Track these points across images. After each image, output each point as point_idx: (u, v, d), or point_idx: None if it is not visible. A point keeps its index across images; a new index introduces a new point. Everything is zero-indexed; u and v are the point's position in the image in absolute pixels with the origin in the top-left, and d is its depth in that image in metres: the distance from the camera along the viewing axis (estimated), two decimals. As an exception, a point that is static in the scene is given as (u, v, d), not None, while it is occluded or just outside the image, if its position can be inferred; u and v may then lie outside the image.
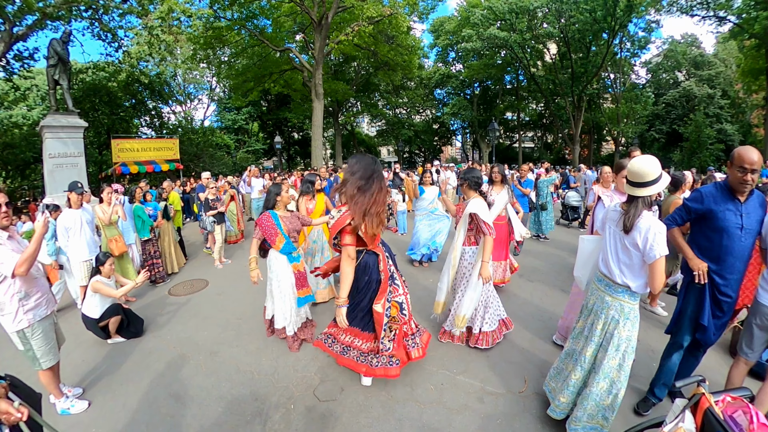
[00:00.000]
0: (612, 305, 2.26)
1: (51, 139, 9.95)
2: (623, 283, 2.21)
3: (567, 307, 3.60)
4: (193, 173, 21.10)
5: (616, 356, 2.22)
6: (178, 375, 3.37)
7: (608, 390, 2.24)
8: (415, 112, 37.32)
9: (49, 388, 2.85)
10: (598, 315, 2.32)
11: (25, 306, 2.54)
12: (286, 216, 3.69)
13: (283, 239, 3.55)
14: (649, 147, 30.15)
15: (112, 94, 20.87)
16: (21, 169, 19.57)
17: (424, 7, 19.72)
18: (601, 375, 2.24)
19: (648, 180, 2.12)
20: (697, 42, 32.05)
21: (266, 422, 2.72)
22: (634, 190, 2.16)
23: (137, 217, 5.79)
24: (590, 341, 2.33)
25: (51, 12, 11.38)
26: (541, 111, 35.41)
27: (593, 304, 2.39)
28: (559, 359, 2.64)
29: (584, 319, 2.45)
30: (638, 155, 3.78)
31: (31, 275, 2.58)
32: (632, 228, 2.11)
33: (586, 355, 2.35)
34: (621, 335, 2.21)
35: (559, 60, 26.50)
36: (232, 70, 21.20)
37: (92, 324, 3.87)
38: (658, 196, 3.19)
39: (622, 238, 2.21)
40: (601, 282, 2.36)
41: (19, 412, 1.57)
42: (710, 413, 1.51)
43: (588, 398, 2.28)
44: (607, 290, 2.30)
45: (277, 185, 3.79)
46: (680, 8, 20.87)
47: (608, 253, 2.31)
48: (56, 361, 2.83)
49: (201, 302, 5.15)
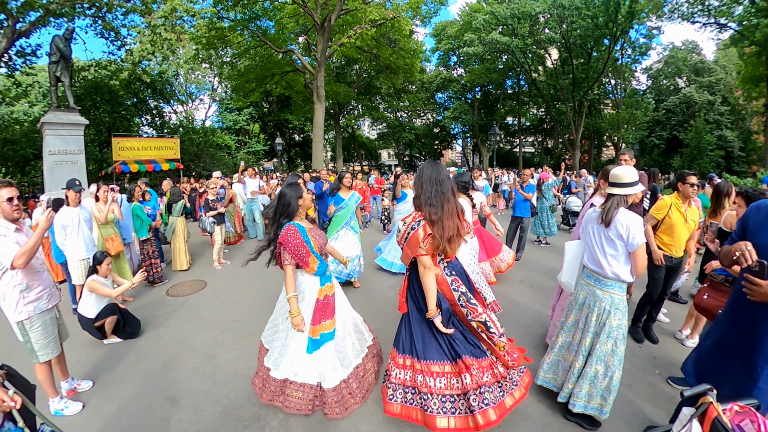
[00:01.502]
0: (603, 298, 2.46)
1: (51, 136, 9.89)
2: (613, 275, 2.41)
3: (557, 310, 3.56)
4: (194, 173, 21.08)
5: (608, 342, 2.42)
6: (174, 378, 3.32)
7: (604, 373, 2.43)
8: (416, 115, 37.33)
9: (44, 384, 2.81)
10: (591, 308, 2.51)
11: (25, 298, 2.60)
12: (311, 228, 2.85)
13: (316, 260, 2.71)
14: (650, 153, 30.20)
15: (113, 92, 20.89)
16: (21, 165, 19.56)
17: (427, 11, 19.76)
18: (595, 358, 2.45)
19: (623, 182, 2.43)
20: (697, 49, 32.12)
21: (264, 427, 2.67)
22: (612, 189, 2.47)
23: (136, 216, 5.74)
24: (587, 332, 2.51)
25: (54, 9, 11.38)
26: (541, 116, 35.44)
27: (584, 298, 2.59)
28: (553, 352, 2.76)
29: (576, 313, 2.63)
30: (627, 159, 3.77)
31: (33, 268, 2.64)
32: (611, 220, 2.37)
33: (584, 344, 2.51)
34: (612, 324, 2.41)
35: (561, 65, 26.57)
36: (234, 71, 21.20)
37: (88, 324, 3.82)
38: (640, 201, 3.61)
39: (604, 232, 2.44)
40: (590, 278, 2.57)
41: (13, 401, 1.59)
42: (718, 422, 1.49)
43: (585, 378, 2.48)
44: (597, 285, 2.51)
45: (296, 186, 2.84)
46: (681, 15, 20.91)
47: (595, 249, 2.51)
48: (54, 355, 2.81)
49: (199, 304, 5.10)
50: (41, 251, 2.84)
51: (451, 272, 2.44)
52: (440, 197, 2.29)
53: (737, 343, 2.02)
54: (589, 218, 2.63)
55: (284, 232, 2.62)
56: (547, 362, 2.78)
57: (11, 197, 2.55)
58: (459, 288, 2.39)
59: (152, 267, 5.89)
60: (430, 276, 2.29)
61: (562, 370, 2.69)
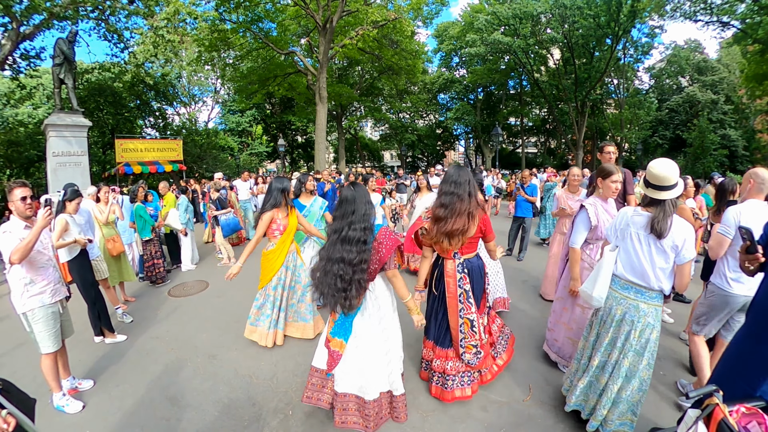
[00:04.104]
0: (648, 312, 2.25)
1: (55, 137, 9.96)
2: (659, 287, 2.22)
3: (552, 319, 3.41)
4: (196, 174, 21.13)
5: (647, 356, 2.26)
6: (175, 377, 3.31)
7: (639, 388, 2.29)
8: (418, 116, 37.35)
9: (48, 378, 2.89)
10: (634, 324, 2.26)
11: (29, 291, 2.75)
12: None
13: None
14: (653, 153, 30.05)
15: (117, 94, 20.96)
16: (25, 167, 19.61)
17: (429, 12, 19.73)
18: (634, 378, 2.28)
19: (670, 184, 2.14)
20: (700, 47, 31.94)
21: (264, 428, 2.66)
22: (658, 193, 2.16)
23: (139, 216, 5.76)
24: (628, 351, 2.28)
25: (58, 12, 11.43)
26: (544, 116, 35.37)
27: (623, 314, 2.31)
28: (588, 376, 2.47)
29: (615, 330, 2.35)
30: (611, 150, 3.72)
31: (37, 263, 2.78)
32: (666, 230, 2.12)
33: (624, 365, 2.29)
34: (652, 338, 2.25)
35: (563, 65, 26.49)
36: (237, 73, 21.24)
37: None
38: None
39: (654, 242, 2.18)
40: (630, 290, 2.31)
41: (6, 423, 1.48)
42: (724, 424, 1.45)
43: (622, 402, 2.30)
44: (639, 297, 2.27)
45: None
46: (683, 13, 20.78)
47: (640, 258, 2.24)
48: (55, 349, 2.88)
49: (201, 304, 5.11)
50: (51, 248, 2.98)
51: (464, 269, 2.66)
52: (454, 197, 2.53)
53: (750, 350, 1.88)
54: (629, 222, 2.33)
55: (389, 234, 2.42)
56: (580, 387, 2.50)
57: (25, 196, 2.73)
58: (464, 285, 2.65)
59: (155, 267, 5.90)
60: (423, 262, 2.82)
61: (593, 393, 2.46)
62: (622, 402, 2.31)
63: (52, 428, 2.72)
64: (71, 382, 3.14)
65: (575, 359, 2.67)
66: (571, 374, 2.69)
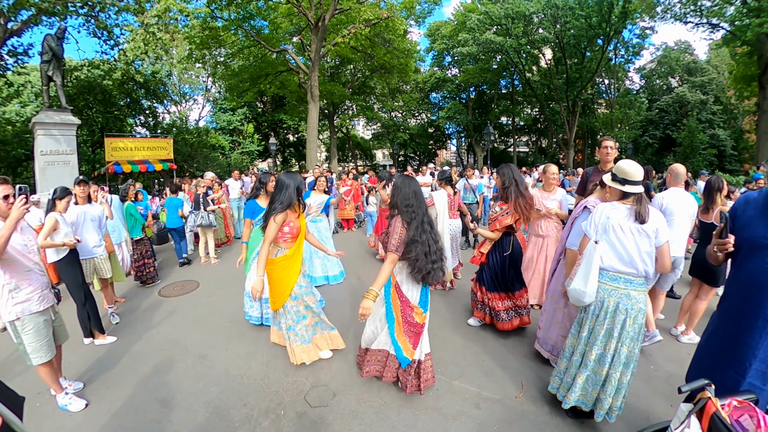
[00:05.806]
0: (639, 299, 2.36)
1: (43, 136, 9.79)
2: (644, 272, 2.36)
3: (544, 318, 3.36)
4: (187, 173, 20.92)
5: (639, 339, 2.40)
6: (165, 379, 3.27)
7: (631, 371, 2.42)
8: (410, 115, 37.28)
9: (48, 382, 2.85)
10: (628, 312, 2.35)
11: (14, 298, 2.57)
12: None
13: None
14: (643, 152, 30.36)
15: (106, 92, 20.67)
16: (13, 166, 19.28)
17: (421, 11, 19.75)
18: (632, 361, 2.41)
19: (636, 180, 2.39)
20: (690, 49, 32.30)
21: (255, 429, 2.64)
22: (630, 187, 2.39)
23: (129, 215, 5.69)
24: (625, 338, 2.37)
25: (46, 8, 11.22)
26: (536, 116, 35.50)
27: (616, 304, 2.38)
28: (585, 371, 2.47)
29: (609, 321, 2.39)
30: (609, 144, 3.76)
31: (22, 267, 2.60)
32: (647, 216, 2.32)
33: (623, 352, 2.38)
34: (643, 322, 2.38)
35: (554, 65, 26.65)
36: (228, 71, 21.05)
37: None
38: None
39: (638, 228, 2.34)
40: (619, 281, 2.41)
41: None
42: (717, 418, 1.47)
43: (623, 387, 2.41)
44: (629, 286, 2.38)
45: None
46: (674, 15, 21.01)
47: (626, 246, 2.36)
48: (48, 359, 2.76)
49: (191, 304, 5.06)
50: (36, 251, 2.81)
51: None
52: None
53: (728, 339, 1.95)
54: (608, 215, 2.43)
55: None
56: (579, 383, 2.49)
57: (6, 195, 2.55)
58: None
59: (145, 267, 5.82)
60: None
61: (592, 385, 2.47)
62: (624, 387, 2.41)
63: (42, 431, 2.68)
64: (61, 384, 3.08)
65: (564, 357, 2.66)
66: (560, 372, 2.67)
